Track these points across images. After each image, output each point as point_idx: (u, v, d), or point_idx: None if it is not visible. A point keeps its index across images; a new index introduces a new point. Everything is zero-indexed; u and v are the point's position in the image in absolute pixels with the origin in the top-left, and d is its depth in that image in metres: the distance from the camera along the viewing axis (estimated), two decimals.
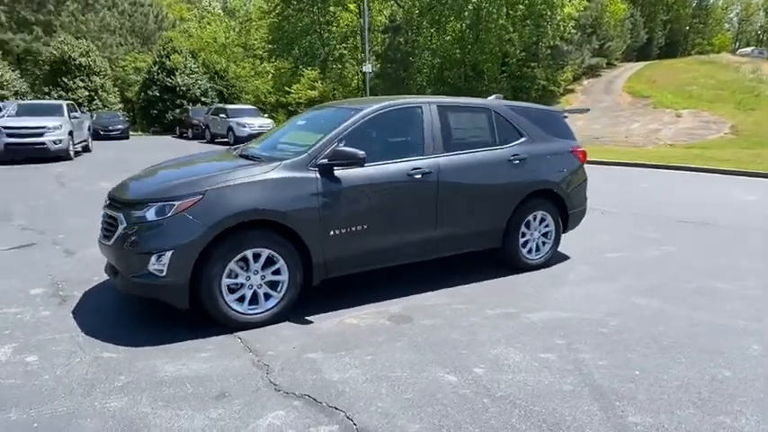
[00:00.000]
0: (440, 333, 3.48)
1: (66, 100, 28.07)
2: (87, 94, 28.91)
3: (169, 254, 3.24)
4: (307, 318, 3.72)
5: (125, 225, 3.40)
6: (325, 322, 3.67)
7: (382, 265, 4.16)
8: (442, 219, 4.21)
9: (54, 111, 15.13)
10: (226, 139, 21.51)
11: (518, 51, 29.55)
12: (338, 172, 3.75)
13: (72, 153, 14.58)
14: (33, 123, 13.76)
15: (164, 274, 3.26)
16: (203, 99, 30.63)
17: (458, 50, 32.01)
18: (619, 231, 6.38)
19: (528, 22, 29.70)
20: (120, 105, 31.89)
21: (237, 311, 3.48)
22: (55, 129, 13.94)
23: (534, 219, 4.80)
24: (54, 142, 13.78)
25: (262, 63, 35.26)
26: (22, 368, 3.00)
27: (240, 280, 3.49)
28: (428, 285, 4.37)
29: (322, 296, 4.07)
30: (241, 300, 3.51)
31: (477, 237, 4.51)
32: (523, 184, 4.61)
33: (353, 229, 3.81)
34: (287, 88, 33.82)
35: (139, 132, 32.48)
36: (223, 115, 22.13)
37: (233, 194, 3.42)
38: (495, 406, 2.62)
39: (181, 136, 26.38)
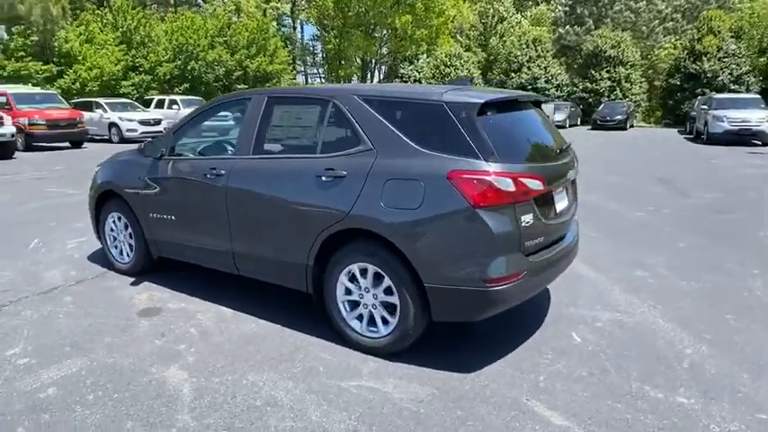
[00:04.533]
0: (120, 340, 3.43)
1: (589, 92, 30.30)
2: (609, 84, 29.86)
3: (88, 198, 4.77)
4: (149, 282, 4.31)
5: None
6: (147, 293, 4.09)
7: (206, 265, 4.02)
8: (236, 232, 3.57)
9: None
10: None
11: None
12: (163, 162, 4.02)
13: None
14: None
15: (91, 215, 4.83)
16: (733, 87, 25.39)
17: None
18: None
19: None
20: (644, 96, 30.99)
21: (113, 257, 4.62)
22: None
23: (363, 274, 3.04)
24: None
25: None
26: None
27: (114, 234, 4.58)
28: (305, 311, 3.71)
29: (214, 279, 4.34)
30: (116, 248, 4.60)
31: (276, 267, 3.44)
32: (330, 214, 3.04)
33: (164, 216, 4.02)
34: None
35: (642, 123, 30.63)
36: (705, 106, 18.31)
37: (106, 169, 4.54)
38: None
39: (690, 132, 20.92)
